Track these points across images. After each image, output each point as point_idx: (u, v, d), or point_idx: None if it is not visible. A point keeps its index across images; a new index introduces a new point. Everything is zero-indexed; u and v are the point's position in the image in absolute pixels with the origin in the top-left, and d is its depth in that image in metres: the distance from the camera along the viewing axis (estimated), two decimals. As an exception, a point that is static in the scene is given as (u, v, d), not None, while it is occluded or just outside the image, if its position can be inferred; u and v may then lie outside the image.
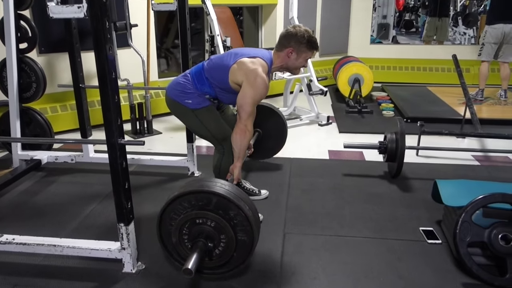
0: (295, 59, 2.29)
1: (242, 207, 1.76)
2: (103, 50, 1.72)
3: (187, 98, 2.31)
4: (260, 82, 2.17)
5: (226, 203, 1.77)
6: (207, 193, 1.77)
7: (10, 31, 2.94)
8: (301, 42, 2.24)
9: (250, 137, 2.26)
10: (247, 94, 2.18)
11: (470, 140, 3.96)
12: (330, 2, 6.12)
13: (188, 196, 1.80)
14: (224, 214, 1.78)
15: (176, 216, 1.83)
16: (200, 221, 1.80)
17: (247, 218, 1.77)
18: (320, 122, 4.49)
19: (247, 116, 2.20)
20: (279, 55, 2.30)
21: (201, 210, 1.79)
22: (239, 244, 1.83)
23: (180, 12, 2.80)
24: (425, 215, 2.55)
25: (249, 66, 2.19)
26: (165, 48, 6.21)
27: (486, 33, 5.08)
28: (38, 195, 2.85)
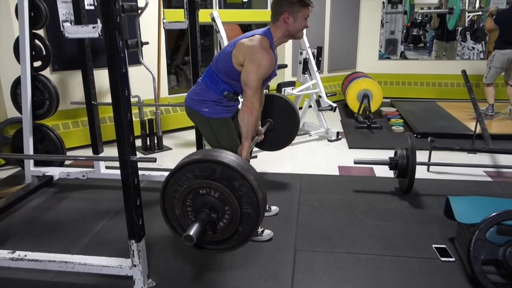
0: (293, 22, 2.20)
1: (248, 178, 1.69)
2: (116, 68, 1.75)
3: (203, 106, 2.30)
4: (261, 56, 2.13)
5: (231, 173, 1.70)
6: (212, 162, 1.71)
7: (25, 50, 3.01)
8: (293, 2, 2.17)
9: (257, 115, 2.21)
10: (250, 70, 2.14)
11: (481, 155, 3.92)
12: (338, 18, 6.17)
13: (192, 166, 1.73)
14: (228, 185, 1.72)
15: (180, 188, 1.77)
16: (203, 192, 1.74)
17: (252, 189, 1.70)
18: (330, 138, 4.49)
19: (253, 93, 2.16)
20: (277, 26, 2.23)
21: (205, 179, 1.72)
22: (244, 217, 1.75)
23: (191, 30, 2.84)
24: (437, 232, 2.51)
25: (247, 44, 2.17)
26: (175, 65, 6.29)
27: (494, 58, 5.10)
28: (50, 211, 2.87)
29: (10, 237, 2.52)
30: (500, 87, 5.62)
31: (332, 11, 6.06)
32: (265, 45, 2.18)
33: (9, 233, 2.58)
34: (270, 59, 2.17)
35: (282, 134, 3.07)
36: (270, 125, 2.93)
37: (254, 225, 1.77)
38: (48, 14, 3.10)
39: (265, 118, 2.87)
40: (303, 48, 4.56)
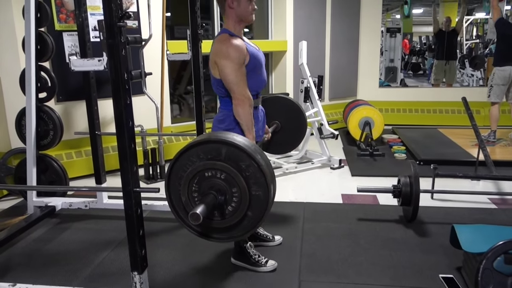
0: (238, 6, 2.14)
1: (255, 157, 1.62)
2: (121, 100, 1.77)
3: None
4: (225, 48, 2.08)
5: (237, 153, 1.63)
6: (216, 142, 1.65)
7: (31, 81, 3.06)
8: None
9: (250, 103, 2.14)
10: (223, 66, 2.10)
11: (485, 182, 3.90)
12: (338, 47, 6.28)
13: (196, 149, 1.68)
14: (235, 165, 1.65)
15: (184, 173, 1.71)
16: (209, 174, 1.67)
17: (260, 169, 1.63)
18: (332, 166, 4.49)
19: (236, 85, 2.10)
20: (227, 16, 2.18)
21: (210, 161, 1.66)
22: (253, 200, 1.68)
23: (194, 61, 2.89)
24: (444, 261, 2.48)
25: (212, 52, 2.17)
26: (177, 94, 6.36)
27: (494, 75, 5.11)
28: (52, 242, 2.85)
29: (11, 269, 2.49)
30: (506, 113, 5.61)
31: (332, 40, 6.18)
32: (223, 37, 2.14)
33: (10, 265, 2.55)
34: (234, 43, 2.10)
35: (290, 136, 3.05)
36: (277, 127, 2.92)
37: (264, 209, 1.70)
38: (54, 47, 3.17)
39: (271, 120, 2.86)
40: (304, 77, 4.62)
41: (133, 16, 4.23)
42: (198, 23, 2.80)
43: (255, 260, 2.40)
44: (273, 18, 5.77)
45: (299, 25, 5.69)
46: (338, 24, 6.20)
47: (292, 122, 3.04)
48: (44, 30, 3.24)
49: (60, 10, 3.84)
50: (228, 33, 2.17)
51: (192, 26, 2.81)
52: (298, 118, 3.05)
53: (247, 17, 2.20)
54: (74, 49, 3.89)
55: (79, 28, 3.02)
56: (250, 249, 2.43)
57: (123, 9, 1.72)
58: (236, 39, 2.14)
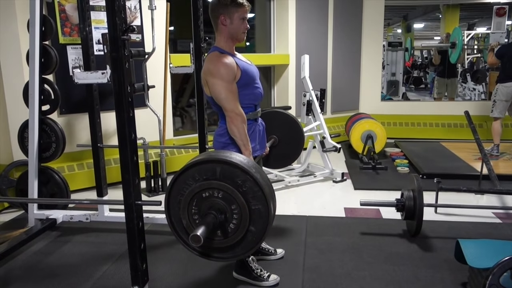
0: (231, 24, 2.16)
1: (249, 171, 1.62)
2: (124, 113, 1.77)
3: (231, 148, 2.20)
4: (213, 66, 2.10)
5: (232, 170, 1.64)
6: (210, 162, 1.65)
7: (34, 94, 3.07)
8: (226, 4, 2.14)
9: (242, 119, 2.13)
10: (213, 84, 2.11)
11: (489, 196, 3.88)
12: (340, 61, 6.31)
13: (191, 171, 1.68)
14: (231, 182, 1.65)
15: (182, 198, 1.71)
16: (206, 194, 1.67)
17: (256, 183, 1.63)
18: (335, 179, 4.46)
19: (227, 102, 2.10)
20: (219, 32, 2.20)
21: (206, 181, 1.66)
22: (254, 214, 1.68)
23: (197, 74, 2.90)
24: (449, 277, 2.44)
25: (203, 71, 2.18)
26: (180, 107, 6.38)
27: (497, 91, 5.12)
28: (52, 255, 2.82)
29: (11, 282, 2.46)
30: (510, 127, 5.61)
31: (334, 53, 6.21)
32: (213, 56, 2.16)
33: (10, 278, 2.52)
34: (222, 61, 2.11)
35: (287, 150, 3.04)
36: (275, 141, 2.91)
37: (266, 222, 1.69)
38: (58, 60, 3.18)
39: (269, 134, 2.85)
40: (306, 90, 4.63)
41: (136, 29, 4.27)
42: (201, 37, 2.83)
43: (257, 275, 2.37)
44: (275, 32, 5.82)
45: (301, 39, 5.73)
46: (340, 38, 6.24)
47: (290, 136, 3.04)
48: (49, 43, 3.27)
49: (65, 23, 3.88)
50: (218, 51, 2.19)
51: (195, 39, 2.83)
52: (295, 132, 3.05)
53: (238, 36, 2.22)
54: (78, 62, 3.92)
55: (83, 42, 3.04)
56: (252, 263, 2.40)
57: (127, 22, 1.73)
58: (226, 57, 2.15)
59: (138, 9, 4.28)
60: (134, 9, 4.25)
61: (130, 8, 4.21)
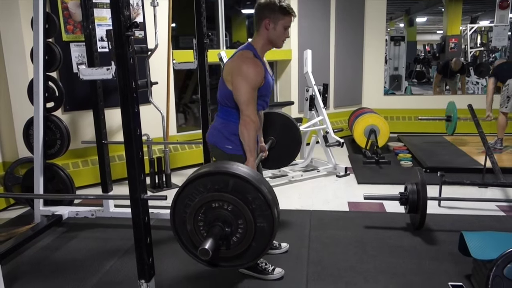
0: (274, 29, 2.19)
1: (262, 190, 1.65)
2: (129, 108, 1.79)
3: (227, 143, 2.26)
4: (246, 67, 2.12)
5: (245, 185, 1.66)
6: (224, 174, 1.67)
7: (39, 91, 3.09)
8: (275, 10, 2.16)
9: (255, 127, 2.17)
10: (238, 84, 2.13)
11: (492, 189, 3.88)
12: (342, 56, 6.30)
13: (204, 179, 1.70)
14: (242, 197, 1.67)
15: (190, 202, 1.73)
16: (216, 205, 1.69)
17: (266, 202, 1.65)
18: (338, 174, 4.48)
19: (246, 106, 2.13)
20: (259, 34, 2.22)
21: (218, 192, 1.68)
22: (258, 231, 1.70)
23: (200, 70, 2.91)
24: (453, 269, 2.45)
25: (231, 63, 2.20)
26: (183, 104, 6.39)
27: (508, 86, 5.04)
28: (58, 251, 2.85)
29: (18, 278, 2.49)
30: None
31: (337, 48, 6.20)
32: (248, 55, 2.18)
33: (17, 273, 2.55)
34: (256, 66, 2.14)
35: (285, 151, 3.04)
36: (273, 142, 2.92)
37: (268, 241, 1.72)
38: (62, 58, 3.20)
39: (266, 135, 2.87)
40: (309, 85, 4.63)
41: (139, 26, 4.28)
42: (204, 33, 2.83)
43: (262, 268, 2.39)
44: (277, 27, 5.81)
45: (304, 34, 5.72)
46: (342, 32, 6.23)
47: (287, 137, 3.06)
48: (52, 40, 3.28)
49: (68, 21, 3.90)
50: (253, 52, 2.20)
51: (198, 35, 2.84)
52: (292, 132, 3.07)
53: (277, 43, 2.26)
54: (81, 59, 3.93)
55: (86, 39, 3.05)
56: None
57: (131, 18, 1.74)
58: (258, 63, 2.17)
59: (141, 6, 4.28)
60: (137, 6, 4.25)
61: (133, 4, 4.22)
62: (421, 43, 15.63)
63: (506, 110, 5.08)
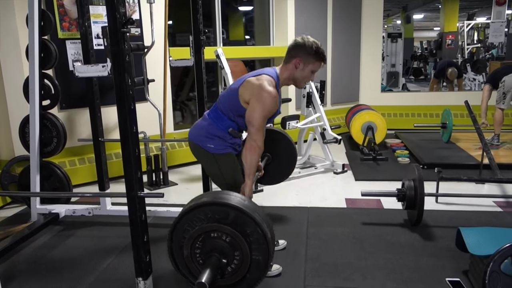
0: (302, 70, 2.26)
1: (261, 225, 1.68)
2: (125, 105, 1.78)
3: (209, 142, 2.29)
4: (266, 96, 2.17)
5: (245, 218, 1.68)
6: (226, 206, 1.70)
7: (34, 89, 3.07)
8: (310, 53, 2.23)
9: (259, 153, 2.22)
10: (255, 109, 2.17)
11: (490, 186, 3.89)
12: (340, 52, 6.30)
13: (205, 208, 1.72)
14: (241, 230, 1.69)
15: (190, 228, 1.74)
16: (215, 235, 1.71)
17: (264, 236, 1.68)
18: (336, 170, 4.48)
19: (256, 131, 2.18)
20: (286, 68, 2.29)
21: (218, 223, 1.70)
22: (253, 263, 1.73)
23: (197, 67, 2.90)
24: (450, 265, 2.46)
25: (254, 83, 2.21)
26: (180, 101, 6.38)
27: (504, 83, 5.04)
28: (55, 249, 2.84)
29: (15, 276, 2.48)
30: (509, 116, 5.63)
31: (334, 45, 6.20)
32: (271, 84, 2.22)
33: (14, 272, 2.54)
34: (275, 98, 2.20)
35: (280, 168, 3.07)
36: (268, 159, 2.95)
37: (262, 273, 1.76)
38: (58, 55, 3.18)
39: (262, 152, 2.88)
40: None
41: (135, 23, 4.26)
42: (200, 30, 2.82)
43: None
44: (274, 24, 5.80)
45: (301, 31, 5.70)
46: (340, 29, 6.22)
47: (282, 153, 3.08)
48: (48, 38, 3.26)
49: (63, 18, 3.87)
50: (276, 81, 2.26)
51: (195, 32, 2.83)
52: (287, 148, 3.08)
53: (299, 82, 2.33)
54: (77, 57, 3.92)
55: (82, 36, 3.04)
56: None
57: (126, 15, 1.73)
58: (276, 94, 2.22)
59: (137, 3, 4.26)
60: (133, 3, 4.23)
61: (129, 1, 4.20)
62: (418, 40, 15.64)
63: (503, 106, 5.08)
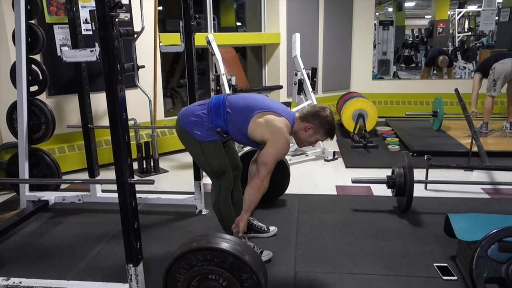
0: (309, 136, 2.37)
1: (257, 273, 1.74)
2: (114, 91, 1.75)
3: (197, 129, 2.29)
4: (284, 142, 2.23)
5: (242, 266, 1.74)
6: (227, 253, 1.74)
7: (21, 75, 3.01)
8: (323, 127, 2.33)
9: (263, 192, 2.27)
10: (271, 153, 2.22)
11: (478, 173, 3.94)
12: (331, 40, 6.27)
13: (205, 251, 1.77)
14: (237, 276, 1.75)
15: (187, 266, 1.79)
16: (213, 277, 1.77)
17: (259, 284, 1.74)
18: (326, 158, 4.49)
19: (267, 173, 2.23)
20: (298, 124, 2.37)
21: (217, 267, 1.75)
22: None
23: (187, 53, 2.87)
24: (438, 251, 2.49)
25: (276, 125, 2.23)
26: (170, 88, 6.32)
27: (494, 70, 5.04)
28: (45, 236, 2.83)
29: (4, 264, 2.47)
30: (499, 104, 5.69)
31: (326, 32, 6.17)
32: (289, 132, 2.30)
33: (3, 259, 2.52)
34: (289, 146, 2.29)
35: (275, 185, 3.09)
36: None
37: None
38: (45, 40, 3.12)
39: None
40: (298, 69, 4.61)
41: (125, 8, 4.19)
42: (191, 15, 2.78)
43: None
44: (266, 10, 5.74)
45: (292, 18, 5.67)
46: (331, 16, 6.19)
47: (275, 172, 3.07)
48: (35, 22, 3.20)
49: (51, 2, 3.79)
50: (292, 127, 2.34)
51: (185, 18, 2.79)
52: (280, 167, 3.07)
53: (301, 143, 2.44)
54: (65, 42, 3.85)
55: (70, 21, 2.98)
56: (245, 240, 2.43)
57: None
58: (289, 141, 2.29)
59: (126, -13, 4.18)
60: (122, -13, 4.15)
61: (118, -14, 4.12)
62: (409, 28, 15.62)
63: (495, 93, 5.10)
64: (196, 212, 3.11)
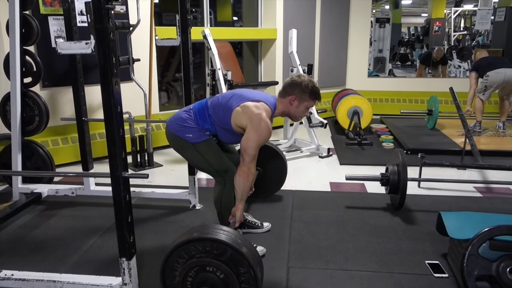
0: (296, 107, 2.33)
1: (254, 268, 1.75)
2: (109, 84, 1.74)
3: (187, 132, 2.31)
4: (264, 126, 2.21)
5: (240, 259, 1.75)
6: (226, 245, 1.75)
7: (15, 66, 2.98)
8: (305, 92, 2.29)
9: (252, 179, 2.28)
10: (251, 138, 2.21)
11: (471, 171, 3.96)
12: (327, 36, 6.26)
13: (205, 242, 1.77)
14: (235, 269, 1.76)
15: (186, 256, 1.79)
16: (210, 269, 1.77)
17: (255, 279, 1.75)
18: (321, 154, 4.50)
19: (251, 160, 2.23)
20: (282, 101, 2.35)
21: (215, 259, 1.76)
22: None
23: (183, 47, 2.85)
24: (430, 248, 2.51)
25: (253, 111, 2.22)
26: (166, 82, 6.30)
27: (488, 78, 5.06)
28: (38, 229, 2.81)
29: (-4, 256, 2.46)
30: (493, 104, 5.72)
31: (322, 29, 6.16)
32: (269, 115, 2.26)
33: (-5, 252, 2.51)
34: (270, 130, 2.25)
35: (272, 180, 3.14)
36: (259, 173, 2.96)
37: None
38: (40, 31, 3.09)
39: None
40: (293, 66, 4.60)
41: (120, 0, 4.16)
42: (187, 9, 2.76)
43: None
44: (262, 6, 5.72)
45: (289, 14, 5.66)
46: (328, 13, 6.18)
47: (272, 167, 3.11)
48: (29, 13, 3.16)
49: (46, -7, 3.75)
50: (272, 112, 2.32)
51: (182, 11, 2.77)
52: (277, 162, 3.12)
53: (295, 117, 2.43)
54: (60, 33, 3.81)
55: (65, 13, 2.95)
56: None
57: (111, -10, 1.68)
58: (270, 125, 2.26)
59: (122, -21, 4.15)
60: (118, -21, 4.12)
61: (114, -22, 4.08)
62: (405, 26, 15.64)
63: (483, 98, 5.17)
64: (190, 207, 3.11)
